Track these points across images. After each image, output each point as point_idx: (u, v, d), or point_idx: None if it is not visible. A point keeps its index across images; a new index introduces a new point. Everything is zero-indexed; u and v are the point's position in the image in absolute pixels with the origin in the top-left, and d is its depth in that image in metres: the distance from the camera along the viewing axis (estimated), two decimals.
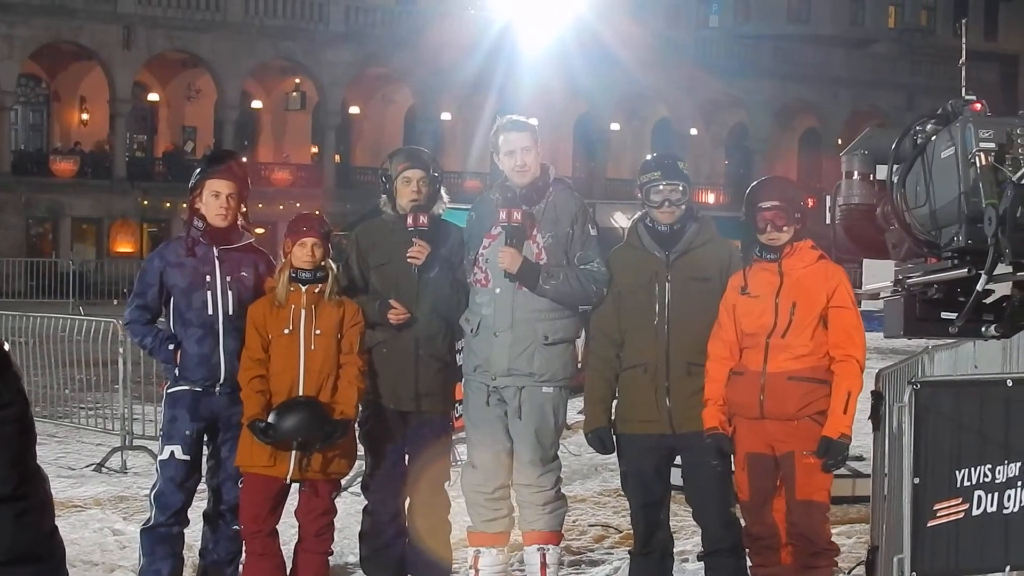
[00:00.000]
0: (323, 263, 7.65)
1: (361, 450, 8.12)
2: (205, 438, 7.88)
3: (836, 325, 7.09)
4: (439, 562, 8.08)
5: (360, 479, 8.42)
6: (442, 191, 8.08)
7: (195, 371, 7.73)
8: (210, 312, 7.72)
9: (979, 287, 4.37)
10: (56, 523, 3.95)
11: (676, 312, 7.48)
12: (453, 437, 9.75)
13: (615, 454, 7.80)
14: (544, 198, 7.78)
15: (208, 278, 7.74)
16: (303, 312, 7.59)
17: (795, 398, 7.05)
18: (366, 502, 8.14)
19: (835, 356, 7.08)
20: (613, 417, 7.74)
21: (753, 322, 7.16)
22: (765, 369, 7.10)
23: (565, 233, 7.71)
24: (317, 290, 7.63)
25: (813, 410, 7.04)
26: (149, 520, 7.83)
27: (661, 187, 7.53)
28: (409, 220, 7.78)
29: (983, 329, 4.57)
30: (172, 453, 7.75)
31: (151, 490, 7.89)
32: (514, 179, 7.77)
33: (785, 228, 7.17)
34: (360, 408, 7.76)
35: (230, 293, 7.75)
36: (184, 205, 8.12)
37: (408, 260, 7.78)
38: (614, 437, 7.72)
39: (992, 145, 4.29)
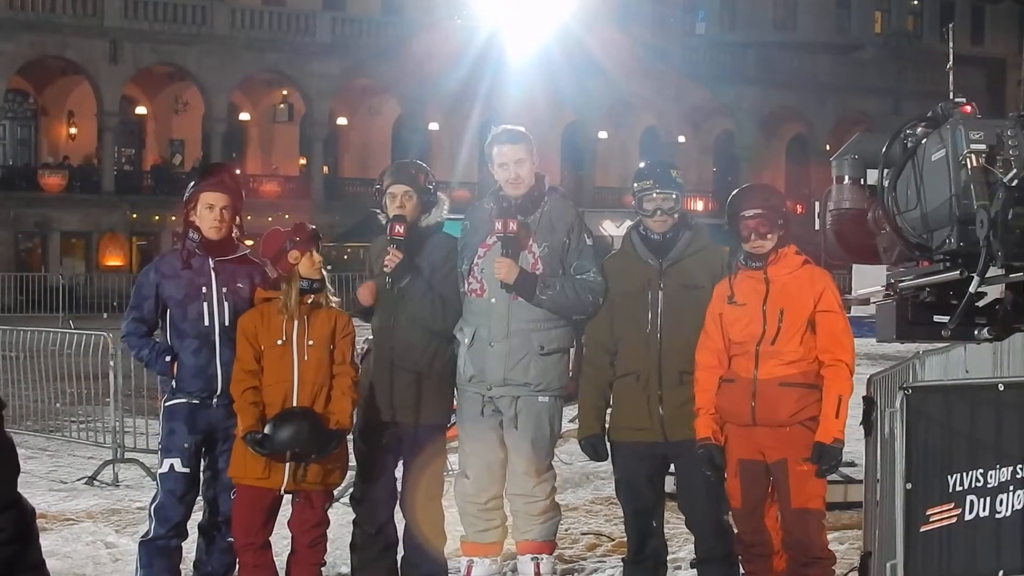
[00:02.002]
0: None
1: (351, 461, 8.12)
2: (203, 451, 7.86)
3: (824, 330, 7.09)
4: (433, 573, 8.08)
5: (351, 490, 8.40)
6: (441, 201, 8.08)
7: (191, 383, 7.71)
8: (206, 324, 7.71)
9: (971, 289, 4.36)
10: (43, 558, 3.90)
11: (668, 321, 7.47)
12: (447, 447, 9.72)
13: (608, 462, 7.81)
14: (539, 208, 7.77)
15: (204, 289, 7.72)
16: (295, 323, 7.58)
17: (787, 404, 7.05)
18: (355, 514, 8.14)
19: (824, 361, 7.07)
20: (607, 424, 7.74)
21: (741, 330, 7.16)
22: (756, 376, 7.10)
23: (561, 243, 7.71)
24: (309, 301, 7.62)
25: (805, 416, 7.04)
26: (148, 533, 7.78)
27: (654, 195, 7.54)
28: (388, 229, 7.82)
29: (976, 332, 4.57)
30: (172, 466, 7.72)
31: (151, 503, 7.84)
32: (508, 191, 7.77)
33: (769, 235, 7.17)
34: (353, 419, 7.76)
35: (226, 304, 7.74)
36: (174, 218, 8.14)
37: (382, 267, 7.82)
38: (608, 444, 7.72)
39: (983, 147, 4.29)
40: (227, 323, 7.71)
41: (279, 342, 7.56)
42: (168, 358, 7.71)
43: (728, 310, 7.23)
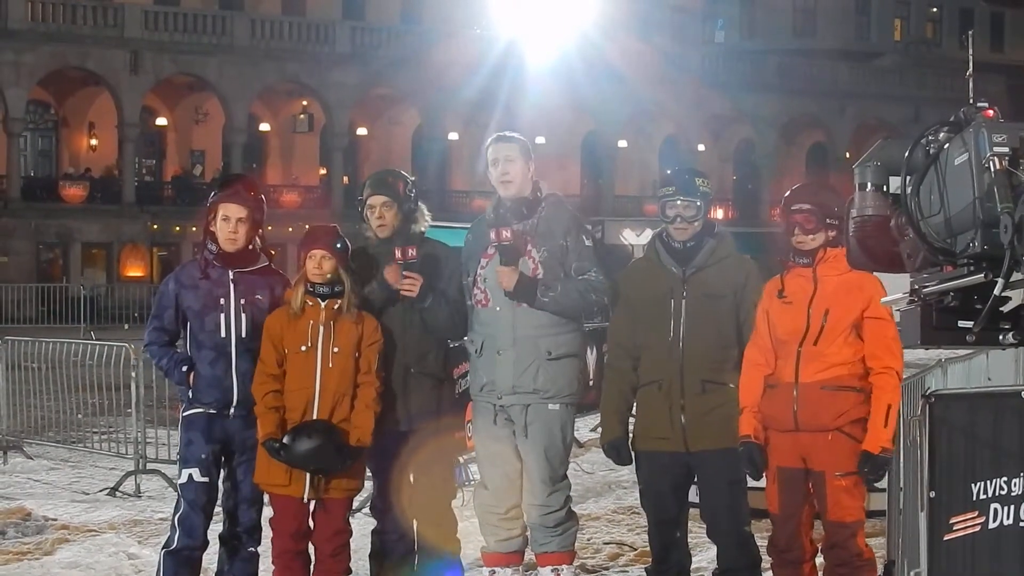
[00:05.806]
0: (335, 276, 7.63)
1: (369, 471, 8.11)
2: (222, 460, 7.86)
3: (873, 336, 7.04)
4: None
5: (371, 501, 8.40)
6: (422, 209, 8.07)
7: (207, 393, 7.71)
8: (222, 335, 7.70)
9: (996, 292, 4.33)
10: None
11: (690, 329, 7.43)
12: (467, 457, 9.71)
13: (630, 470, 7.80)
14: (536, 213, 7.76)
15: (222, 300, 7.72)
16: (321, 328, 7.57)
17: (829, 407, 7.02)
18: (375, 522, 8.15)
19: (873, 368, 7.03)
20: (631, 431, 7.73)
21: (786, 327, 7.12)
22: (798, 380, 7.08)
23: (559, 246, 7.69)
24: (336, 306, 7.60)
25: (846, 420, 7.00)
26: (173, 543, 7.76)
27: (677, 202, 7.49)
28: (398, 254, 7.73)
29: (1000, 337, 4.54)
30: (190, 476, 7.73)
31: (175, 514, 7.83)
32: (500, 191, 7.79)
33: (814, 233, 7.11)
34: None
35: (243, 316, 7.73)
36: (195, 228, 8.14)
37: (402, 294, 7.76)
38: (632, 451, 7.70)
39: (1006, 149, 4.26)
40: (244, 335, 7.71)
41: (303, 348, 7.55)
42: (185, 368, 7.72)
43: (776, 305, 7.19)
